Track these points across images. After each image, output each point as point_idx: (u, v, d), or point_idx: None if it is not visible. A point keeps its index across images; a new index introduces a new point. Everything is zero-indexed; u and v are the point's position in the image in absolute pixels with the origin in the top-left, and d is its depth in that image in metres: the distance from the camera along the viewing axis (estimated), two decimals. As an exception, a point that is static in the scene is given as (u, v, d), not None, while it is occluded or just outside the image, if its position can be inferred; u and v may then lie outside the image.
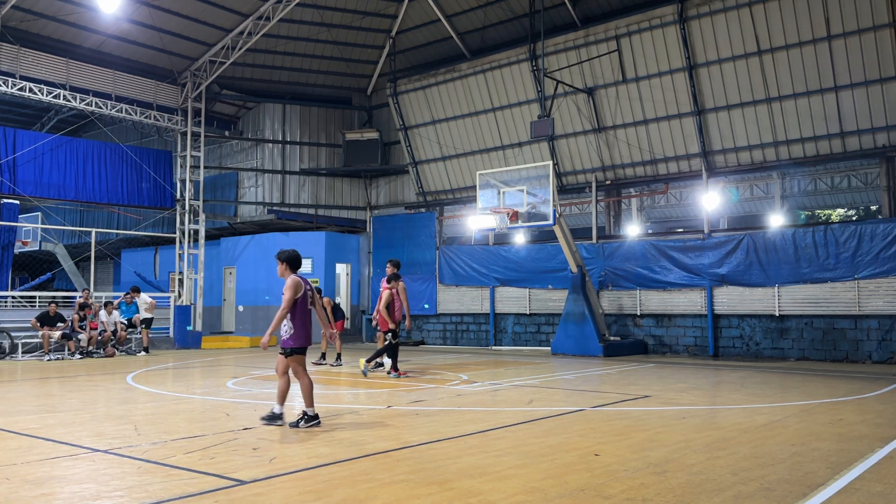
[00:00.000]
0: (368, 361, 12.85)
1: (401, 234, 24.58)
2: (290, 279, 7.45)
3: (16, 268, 28.83)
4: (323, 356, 15.49)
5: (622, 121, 19.62)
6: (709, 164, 18.71)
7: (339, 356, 15.35)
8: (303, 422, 7.26)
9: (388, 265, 13.32)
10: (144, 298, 19.29)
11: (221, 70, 22.50)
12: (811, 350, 16.72)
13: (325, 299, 15.41)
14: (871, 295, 16.07)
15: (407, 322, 12.99)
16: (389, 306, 12.72)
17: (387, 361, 15.06)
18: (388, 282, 12.85)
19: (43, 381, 12.05)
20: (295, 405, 8.30)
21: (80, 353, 17.24)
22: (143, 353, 18.54)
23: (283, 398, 7.41)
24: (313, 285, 7.90)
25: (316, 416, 7.33)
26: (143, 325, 18.85)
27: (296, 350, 7.41)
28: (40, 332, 17.03)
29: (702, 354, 18.19)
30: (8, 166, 20.20)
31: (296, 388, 7.58)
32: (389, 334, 12.67)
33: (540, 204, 17.24)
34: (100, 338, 17.85)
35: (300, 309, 7.43)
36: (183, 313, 22.10)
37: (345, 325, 15.83)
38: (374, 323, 13.66)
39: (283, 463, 5.62)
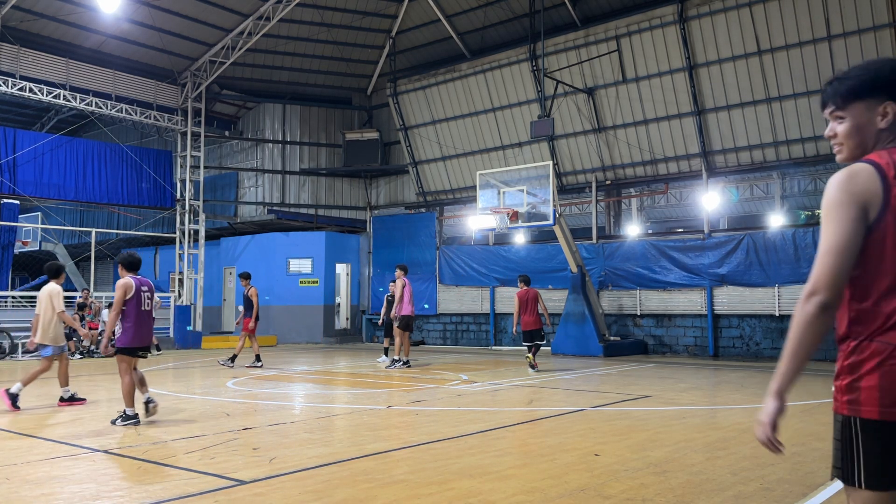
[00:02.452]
0: (534, 363, 13.59)
1: (401, 234, 24.57)
2: (121, 281, 7.69)
3: (16, 268, 28.81)
4: (257, 358, 14.56)
5: (622, 121, 19.62)
6: (709, 164, 18.71)
7: (258, 356, 14.56)
8: (120, 420, 7.43)
9: (397, 269, 14.53)
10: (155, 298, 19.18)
11: (221, 70, 22.50)
12: (811, 350, 16.68)
13: (253, 289, 14.72)
14: (871, 295, 16.04)
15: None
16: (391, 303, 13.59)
17: (384, 359, 15.31)
18: (527, 285, 13.83)
19: (43, 381, 12.03)
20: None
21: (81, 353, 17.23)
22: (155, 351, 18.55)
23: (132, 397, 7.55)
24: (153, 287, 8.17)
25: (135, 416, 7.47)
26: None
27: (122, 350, 7.62)
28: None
29: (702, 354, 18.18)
30: (8, 166, 20.19)
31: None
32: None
33: (540, 204, 17.24)
34: (99, 338, 17.85)
35: (131, 310, 7.64)
36: (183, 313, 22.10)
37: (253, 325, 14.71)
38: (393, 319, 14.16)
39: (283, 463, 5.62)
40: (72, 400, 9.14)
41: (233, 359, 14.55)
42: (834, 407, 2.24)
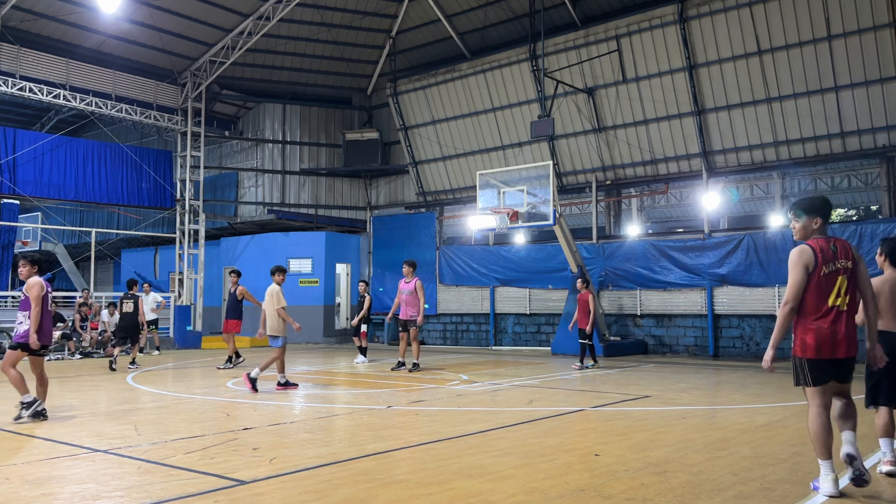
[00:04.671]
0: (582, 361, 14.31)
1: (401, 234, 24.56)
2: (35, 279, 7.88)
3: (16, 268, 28.80)
4: (233, 356, 14.43)
5: (622, 121, 19.61)
6: (709, 164, 18.71)
7: (230, 358, 14.39)
8: (24, 409, 7.62)
9: (406, 265, 14.11)
10: (155, 297, 19.10)
11: (221, 70, 22.49)
12: (811, 350, 16.67)
13: (241, 288, 14.57)
14: (871, 295, 16.03)
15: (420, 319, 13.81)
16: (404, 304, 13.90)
17: (362, 359, 15.38)
18: (588, 286, 14.45)
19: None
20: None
21: (81, 354, 17.24)
22: (156, 351, 18.51)
23: (24, 384, 7.79)
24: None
25: (34, 399, 7.70)
26: (152, 325, 18.59)
27: (22, 345, 7.79)
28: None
29: (702, 354, 18.18)
30: (8, 166, 20.19)
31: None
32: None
33: (540, 204, 17.23)
34: (100, 338, 17.85)
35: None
36: (183, 313, 22.10)
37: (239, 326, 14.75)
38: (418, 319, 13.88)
39: (283, 463, 5.62)
40: (286, 385, 10.46)
41: (228, 359, 14.44)
42: (793, 351, 4.85)
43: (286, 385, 10.55)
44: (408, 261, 14.19)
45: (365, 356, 15.82)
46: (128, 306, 14.39)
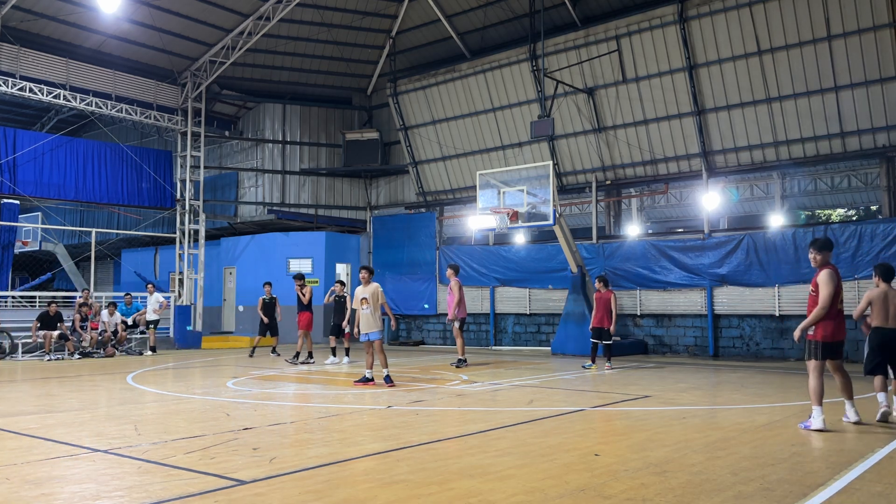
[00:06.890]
0: (609, 359, 14.43)
1: (401, 234, 24.56)
2: None
3: (16, 268, 28.80)
4: (310, 354, 15.75)
5: (622, 121, 19.61)
6: (709, 164, 18.71)
7: (310, 354, 15.71)
8: None
9: (449, 269, 15.23)
10: (157, 298, 19.25)
11: (221, 70, 22.49)
12: (811, 350, 16.68)
13: (307, 288, 16.08)
14: (871, 295, 16.03)
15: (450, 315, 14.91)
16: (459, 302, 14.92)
17: (334, 359, 15.88)
18: (607, 286, 14.29)
19: (43, 381, 12.05)
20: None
21: (80, 354, 17.24)
22: (149, 352, 18.56)
23: None
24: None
25: None
26: (152, 325, 18.92)
27: None
28: (42, 333, 17.01)
29: (702, 354, 18.18)
30: (8, 166, 20.19)
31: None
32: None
33: (540, 204, 17.24)
34: (100, 338, 17.85)
35: None
36: (183, 313, 22.09)
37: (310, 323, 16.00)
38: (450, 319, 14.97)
39: (283, 463, 5.62)
40: (386, 380, 11.03)
41: (309, 355, 15.68)
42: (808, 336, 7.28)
43: (386, 381, 11.01)
44: (450, 264, 15.51)
45: (348, 356, 15.93)
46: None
